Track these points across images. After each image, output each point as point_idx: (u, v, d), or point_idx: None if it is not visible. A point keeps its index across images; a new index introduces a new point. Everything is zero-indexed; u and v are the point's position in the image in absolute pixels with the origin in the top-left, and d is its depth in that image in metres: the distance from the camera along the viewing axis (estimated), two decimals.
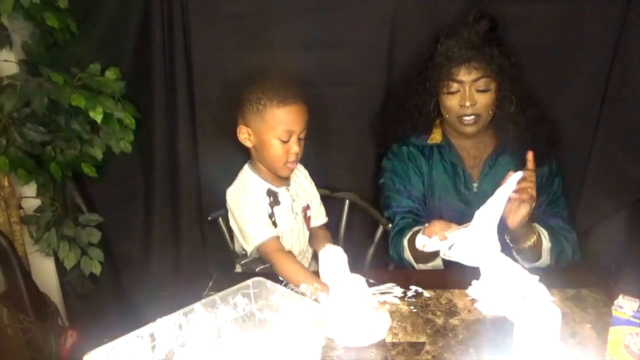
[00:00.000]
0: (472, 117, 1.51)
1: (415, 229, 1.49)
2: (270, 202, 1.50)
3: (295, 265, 1.38)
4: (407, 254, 1.52)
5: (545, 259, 1.49)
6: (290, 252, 1.49)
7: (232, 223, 1.52)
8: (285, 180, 1.56)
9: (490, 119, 1.55)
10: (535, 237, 1.46)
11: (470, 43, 1.47)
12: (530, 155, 1.39)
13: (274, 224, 1.49)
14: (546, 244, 1.48)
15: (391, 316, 1.21)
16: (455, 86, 1.50)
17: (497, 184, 1.57)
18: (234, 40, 1.69)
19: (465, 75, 1.48)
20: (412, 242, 1.48)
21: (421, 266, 1.53)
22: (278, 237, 1.45)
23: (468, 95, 1.49)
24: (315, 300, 1.23)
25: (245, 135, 1.48)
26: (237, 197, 1.48)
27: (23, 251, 1.78)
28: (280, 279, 1.32)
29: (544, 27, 1.65)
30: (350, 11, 1.67)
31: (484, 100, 1.50)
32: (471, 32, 1.47)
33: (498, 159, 1.60)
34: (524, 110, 1.54)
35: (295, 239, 1.56)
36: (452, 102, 1.51)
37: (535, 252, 1.48)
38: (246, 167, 1.54)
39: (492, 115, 1.54)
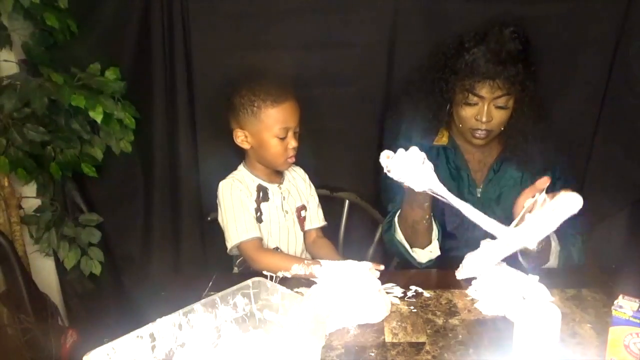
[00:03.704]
0: (485, 131, 1.49)
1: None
2: (259, 197, 1.52)
3: (280, 254, 1.48)
4: (400, 236, 1.47)
5: (553, 262, 1.46)
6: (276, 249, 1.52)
7: (219, 218, 1.52)
8: (278, 177, 1.57)
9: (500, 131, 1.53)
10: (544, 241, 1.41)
11: (499, 58, 1.41)
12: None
13: (259, 219, 1.50)
14: (555, 246, 1.45)
15: (391, 316, 1.21)
16: (474, 99, 1.46)
17: (500, 190, 1.58)
18: (233, 40, 1.69)
19: (488, 93, 1.44)
20: (402, 219, 1.45)
21: (418, 251, 1.47)
22: (261, 239, 1.46)
23: (486, 111, 1.46)
24: (311, 275, 1.29)
25: (242, 138, 1.50)
26: (224, 193, 1.50)
27: (23, 251, 1.78)
28: (266, 273, 1.24)
29: (544, 28, 1.64)
30: (350, 12, 1.67)
31: (499, 117, 1.48)
32: (502, 49, 1.42)
33: (503, 165, 1.58)
34: (535, 122, 1.51)
35: (285, 237, 1.56)
36: (468, 114, 1.49)
37: (543, 255, 1.42)
38: (240, 165, 1.56)
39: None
